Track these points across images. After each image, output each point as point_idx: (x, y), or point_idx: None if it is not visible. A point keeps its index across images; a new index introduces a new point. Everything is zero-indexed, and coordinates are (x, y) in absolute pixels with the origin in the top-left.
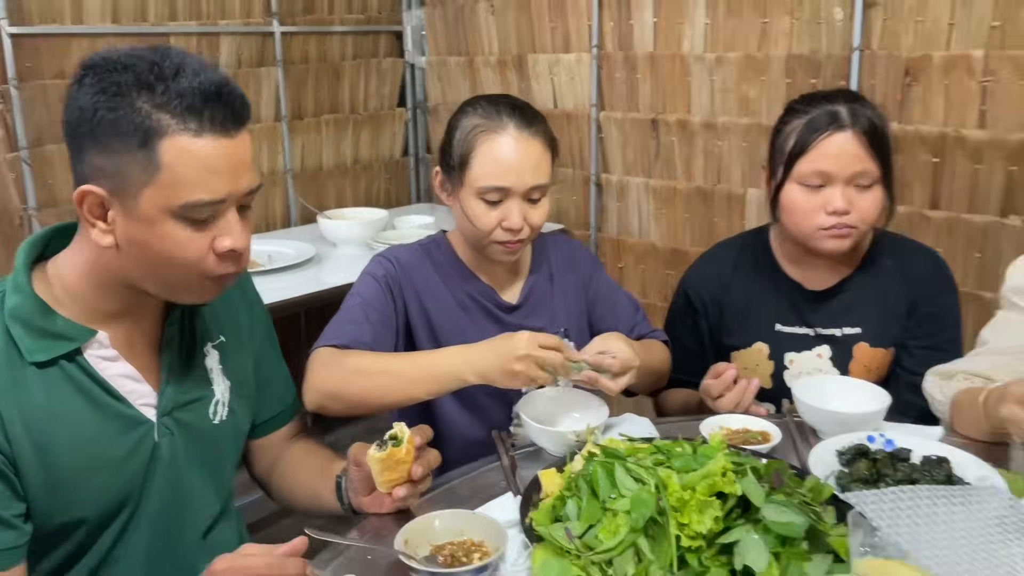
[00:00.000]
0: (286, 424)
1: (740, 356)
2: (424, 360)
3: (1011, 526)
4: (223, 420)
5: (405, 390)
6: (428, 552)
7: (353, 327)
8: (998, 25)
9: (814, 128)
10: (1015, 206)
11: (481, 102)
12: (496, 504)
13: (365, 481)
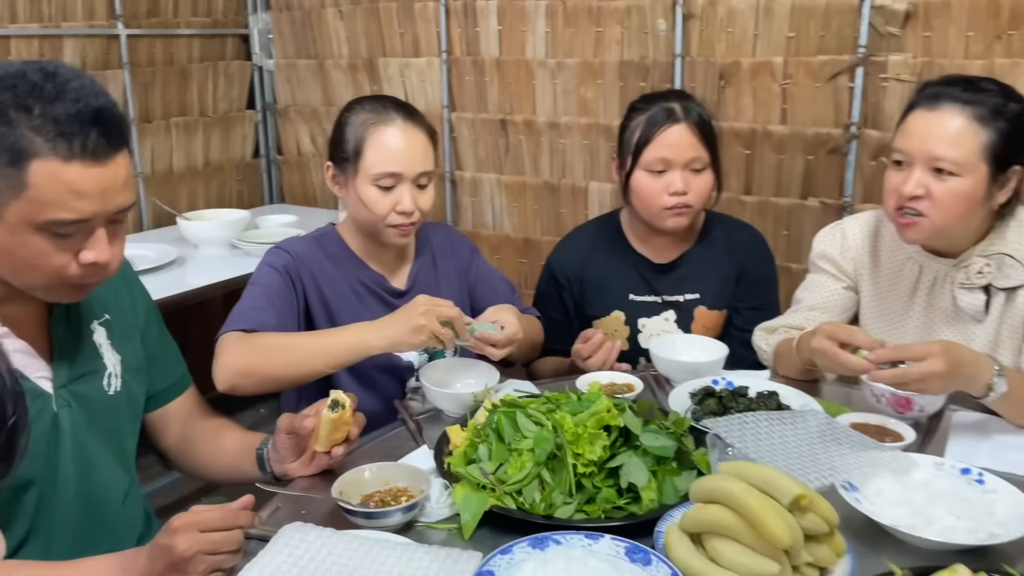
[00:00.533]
0: (180, 395)
1: (601, 324)
2: (330, 335)
3: (828, 437)
4: (118, 392)
5: (312, 364)
6: (359, 500)
7: (257, 312)
8: (793, 36)
9: (654, 122)
10: (813, 190)
11: (367, 101)
12: (412, 457)
13: (293, 448)
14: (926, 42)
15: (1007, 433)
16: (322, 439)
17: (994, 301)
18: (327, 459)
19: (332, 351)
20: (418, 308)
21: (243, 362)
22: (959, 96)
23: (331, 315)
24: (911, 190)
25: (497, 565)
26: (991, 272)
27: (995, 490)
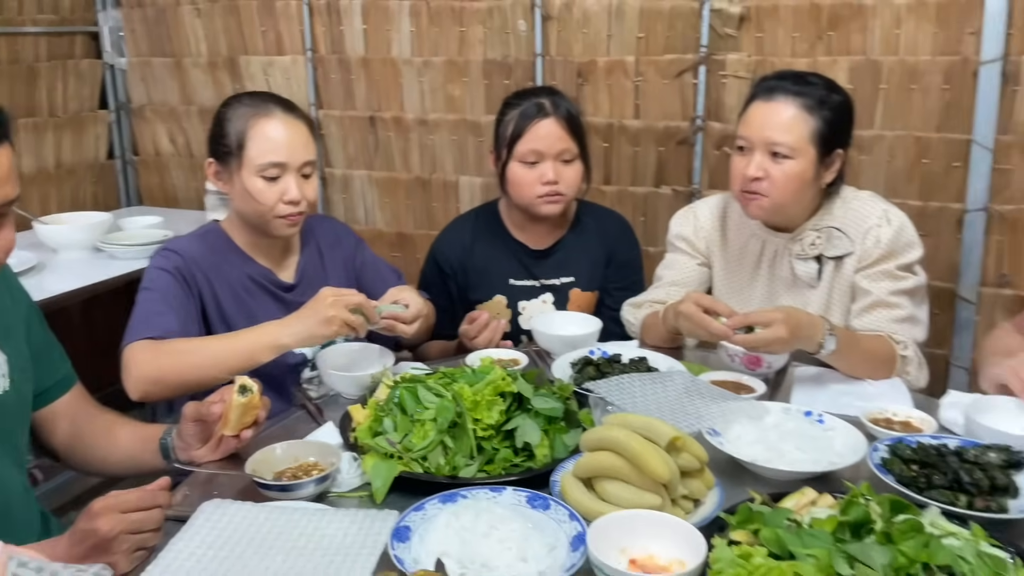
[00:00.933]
0: (67, 392)
1: (484, 307)
2: (241, 336)
3: (693, 392)
4: (7, 391)
5: (226, 366)
6: (272, 477)
7: (159, 318)
8: (643, 36)
9: (526, 117)
10: (665, 178)
11: (244, 96)
12: (316, 436)
13: (199, 434)
14: (759, 42)
15: (840, 382)
16: (232, 423)
17: (825, 269)
18: (236, 443)
19: (245, 351)
20: (325, 300)
21: (154, 371)
22: (790, 88)
23: (223, 313)
24: (753, 172)
25: (412, 520)
26: (822, 243)
27: (833, 428)
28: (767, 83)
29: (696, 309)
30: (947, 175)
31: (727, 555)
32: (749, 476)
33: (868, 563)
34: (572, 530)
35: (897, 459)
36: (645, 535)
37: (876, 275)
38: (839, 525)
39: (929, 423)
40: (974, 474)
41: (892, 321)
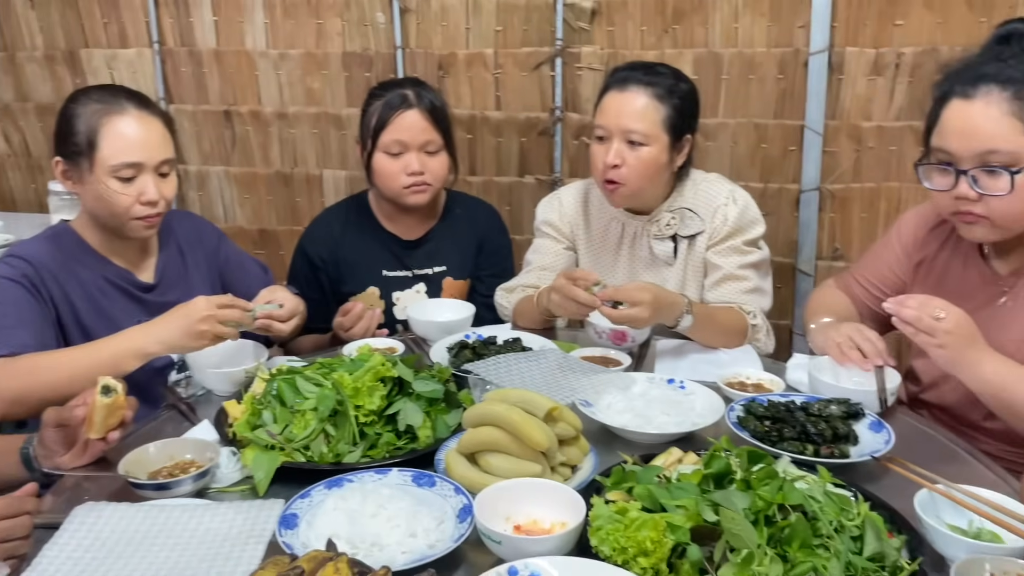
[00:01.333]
0: None
1: (357, 299)
2: (103, 345)
3: (565, 367)
4: None
5: (88, 378)
6: (147, 477)
7: (11, 333)
8: (501, 29)
9: (390, 107)
10: (528, 168)
11: (93, 91)
12: (191, 434)
13: (63, 440)
14: (610, 35)
15: (698, 352)
16: (97, 426)
17: (680, 247)
18: (103, 445)
19: (109, 361)
20: (198, 314)
21: (12, 391)
22: (641, 79)
23: (79, 318)
24: (612, 159)
25: (299, 507)
26: (676, 224)
27: (693, 392)
28: (619, 74)
29: (565, 281)
30: (784, 158)
31: (605, 512)
32: (620, 441)
33: (731, 508)
34: (458, 503)
35: (751, 417)
36: (528, 502)
37: (725, 251)
38: (703, 478)
39: (778, 384)
40: (819, 426)
41: (741, 292)
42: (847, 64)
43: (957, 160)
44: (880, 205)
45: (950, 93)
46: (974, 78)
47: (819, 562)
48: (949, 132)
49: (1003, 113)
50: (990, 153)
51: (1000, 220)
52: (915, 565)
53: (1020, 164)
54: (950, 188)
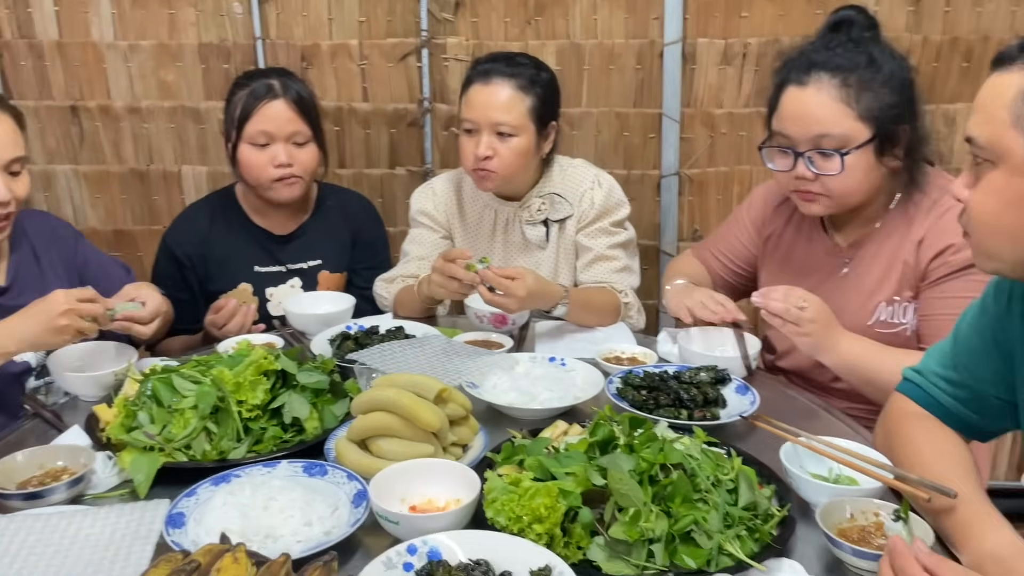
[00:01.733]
0: None
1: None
2: None
3: (450, 352)
4: None
5: None
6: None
7: None
8: (364, 20)
9: (255, 97)
10: (399, 159)
11: None
12: (63, 439)
13: None
14: (475, 26)
15: (575, 331)
16: None
17: (552, 231)
18: None
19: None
20: (58, 308)
21: None
22: (504, 70)
23: None
24: (483, 152)
25: (185, 506)
26: (547, 208)
27: (574, 369)
28: (482, 67)
29: (444, 262)
30: (645, 145)
31: (499, 485)
32: (507, 419)
33: (617, 470)
34: (352, 489)
35: (629, 387)
36: (422, 482)
37: (594, 232)
38: (589, 445)
39: (651, 356)
40: (690, 392)
41: (612, 272)
42: (699, 54)
43: (795, 143)
44: (734, 188)
45: (787, 80)
46: (807, 66)
47: (699, 514)
48: (786, 117)
49: (832, 99)
50: (822, 137)
51: (835, 196)
52: (784, 511)
53: (849, 146)
54: (790, 169)
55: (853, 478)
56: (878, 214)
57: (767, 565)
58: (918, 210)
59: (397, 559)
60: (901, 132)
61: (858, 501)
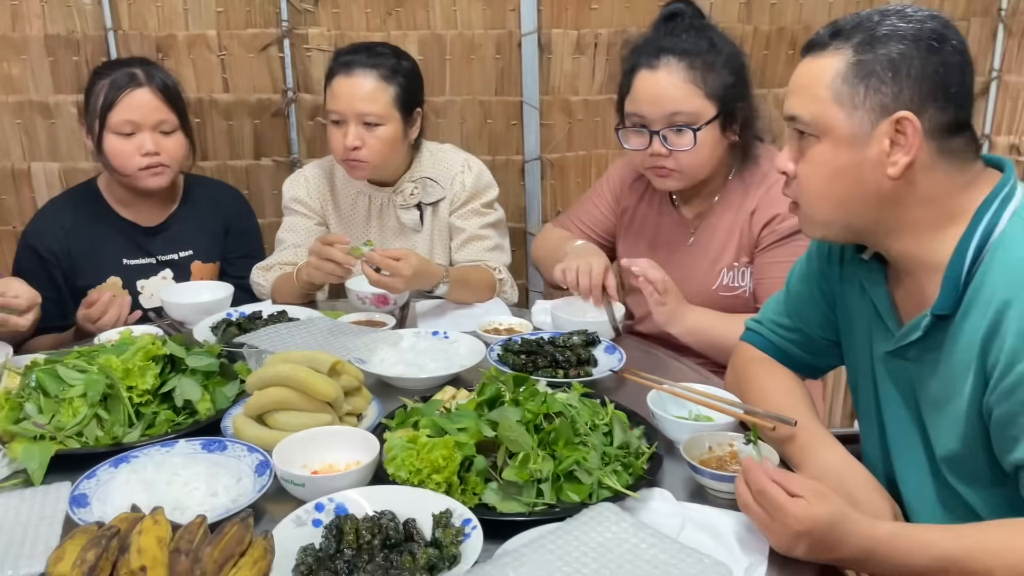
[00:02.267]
0: None
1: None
2: None
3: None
4: None
5: None
6: None
7: None
8: (222, 11)
9: (117, 86)
10: (264, 150)
11: None
12: None
13: None
14: (336, 17)
15: (455, 307)
16: None
17: (426, 214)
18: None
19: None
20: None
21: None
22: (366, 61)
23: None
24: (352, 142)
25: (87, 487)
26: (419, 192)
27: (456, 340)
28: (343, 58)
29: (321, 245)
30: (508, 132)
31: (399, 443)
32: (396, 391)
33: (506, 420)
34: (254, 461)
35: (509, 353)
36: (323, 449)
37: (466, 214)
38: (478, 404)
39: (526, 326)
40: (565, 354)
41: (485, 251)
42: (554, 44)
43: (649, 122)
44: (591, 171)
45: (638, 65)
46: (656, 51)
47: (580, 455)
48: (640, 99)
49: (682, 80)
50: (675, 114)
51: (687, 170)
52: (652, 448)
53: (700, 122)
54: (645, 147)
55: (709, 416)
56: (717, 188)
57: (640, 494)
58: (751, 182)
59: (306, 516)
60: (739, 109)
61: (715, 435)
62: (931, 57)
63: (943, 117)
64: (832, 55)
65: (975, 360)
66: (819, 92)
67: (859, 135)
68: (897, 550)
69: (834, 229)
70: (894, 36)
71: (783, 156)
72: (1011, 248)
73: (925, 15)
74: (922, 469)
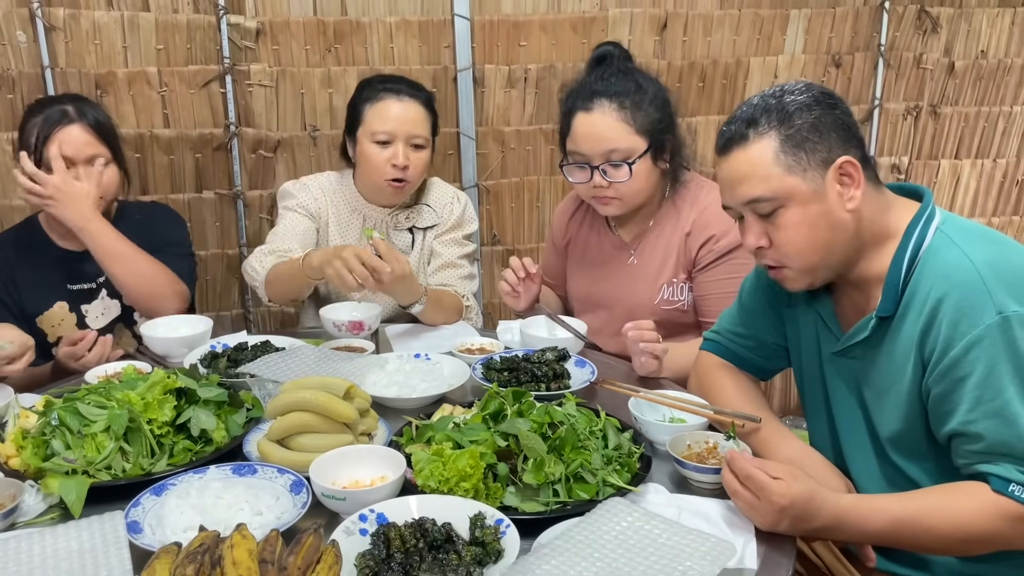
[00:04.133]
0: None
1: (47, 318)
2: None
3: (325, 359)
4: None
5: None
6: None
7: None
8: (162, 48)
9: (51, 122)
10: (207, 183)
11: None
12: None
13: None
14: (276, 54)
15: (424, 331)
16: None
17: (417, 238)
18: None
19: None
20: None
21: None
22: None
23: None
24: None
25: (137, 515)
26: (414, 217)
27: (438, 361)
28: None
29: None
30: (446, 161)
31: (424, 456)
32: (391, 411)
33: (519, 432)
34: (287, 481)
35: (492, 371)
36: (348, 467)
37: (447, 242)
38: (483, 418)
39: (498, 345)
40: (542, 369)
41: (458, 278)
42: (487, 79)
43: (589, 159)
44: (524, 196)
45: (574, 108)
46: (589, 94)
47: (584, 458)
48: (579, 139)
49: (615, 120)
50: (611, 151)
51: (626, 197)
52: (641, 448)
53: (633, 156)
54: (587, 181)
55: (683, 418)
56: (652, 212)
57: (639, 488)
58: (682, 206)
59: (353, 527)
60: (667, 140)
61: (693, 434)
62: (834, 111)
63: (859, 152)
64: (759, 140)
65: (914, 350)
66: (768, 172)
67: (817, 189)
68: (859, 517)
69: (820, 274)
70: (801, 106)
71: (750, 236)
72: (940, 256)
73: (803, 86)
74: (868, 450)
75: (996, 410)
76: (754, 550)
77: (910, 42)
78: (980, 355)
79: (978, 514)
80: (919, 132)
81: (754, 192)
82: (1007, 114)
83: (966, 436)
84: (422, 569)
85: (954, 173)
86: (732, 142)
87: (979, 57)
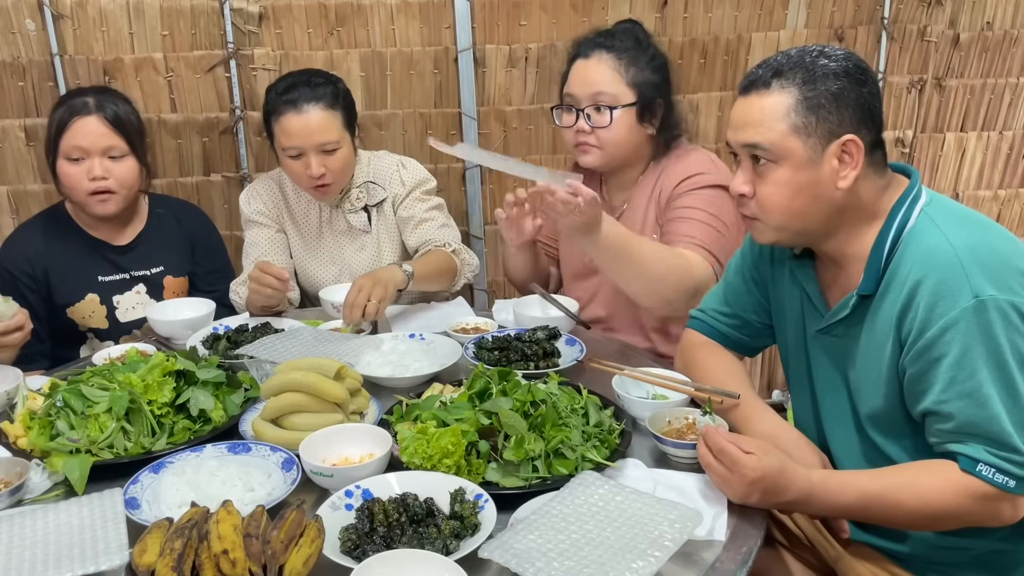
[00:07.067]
0: None
1: (78, 309)
2: None
3: (322, 339)
4: None
5: None
6: None
7: None
8: (168, 34)
9: (70, 113)
10: (214, 167)
11: None
12: None
13: None
14: (279, 38)
15: (421, 311)
16: None
17: (372, 215)
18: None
19: None
20: None
21: None
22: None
23: None
24: (317, 171)
25: (136, 492)
26: (364, 196)
27: (432, 341)
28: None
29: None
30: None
31: (409, 434)
32: (385, 390)
33: (500, 411)
34: (279, 459)
35: (483, 350)
36: (338, 445)
37: (410, 203)
38: (470, 396)
39: (491, 324)
40: (532, 348)
41: (435, 229)
42: (488, 59)
43: (577, 101)
44: None
45: (576, 55)
46: (593, 45)
47: (564, 434)
48: (573, 82)
49: (608, 68)
50: (598, 94)
51: (606, 147)
52: (621, 425)
53: (618, 104)
54: (572, 124)
55: (665, 395)
56: (637, 175)
57: (617, 464)
58: (667, 163)
59: (339, 502)
60: (657, 105)
61: (673, 411)
62: (860, 89)
63: (871, 136)
64: (779, 93)
65: (892, 330)
66: (775, 124)
67: (813, 158)
68: (829, 491)
69: (786, 235)
70: (829, 73)
71: (739, 179)
72: (921, 238)
73: (842, 54)
74: (848, 427)
75: (968, 391)
76: (724, 522)
77: (914, 14)
78: (955, 337)
79: (946, 492)
80: (924, 105)
81: (754, 138)
82: (1013, 86)
83: (938, 415)
84: (402, 542)
85: (960, 146)
86: (754, 85)
87: (984, 28)
